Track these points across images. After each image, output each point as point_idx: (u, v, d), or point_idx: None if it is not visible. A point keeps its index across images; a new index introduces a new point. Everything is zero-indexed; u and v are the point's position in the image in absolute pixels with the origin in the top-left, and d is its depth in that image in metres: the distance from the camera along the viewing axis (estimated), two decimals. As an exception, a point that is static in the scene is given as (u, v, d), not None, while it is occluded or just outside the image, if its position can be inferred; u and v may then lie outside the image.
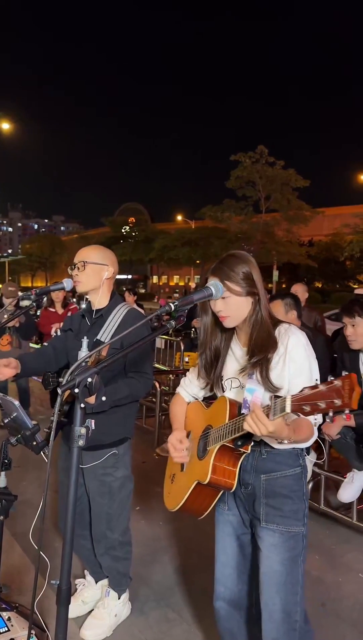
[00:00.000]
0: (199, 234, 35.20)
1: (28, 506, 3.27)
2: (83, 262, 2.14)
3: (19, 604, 2.30)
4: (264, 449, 1.61)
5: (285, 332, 1.60)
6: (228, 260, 1.60)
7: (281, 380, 1.54)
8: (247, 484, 1.63)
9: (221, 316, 1.61)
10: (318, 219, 31.08)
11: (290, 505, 1.60)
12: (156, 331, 1.35)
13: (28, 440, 1.67)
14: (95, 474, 2.18)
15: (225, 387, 1.68)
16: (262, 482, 1.61)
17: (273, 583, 1.58)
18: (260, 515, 1.62)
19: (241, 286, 1.58)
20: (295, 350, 1.57)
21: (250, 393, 1.52)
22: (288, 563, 1.58)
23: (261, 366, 1.55)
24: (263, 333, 1.59)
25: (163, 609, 2.48)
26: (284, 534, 1.59)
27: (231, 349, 1.70)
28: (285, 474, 1.61)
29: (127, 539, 2.33)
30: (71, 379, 1.10)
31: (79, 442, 1.12)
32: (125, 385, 2.06)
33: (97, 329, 2.17)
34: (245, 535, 1.73)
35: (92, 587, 2.46)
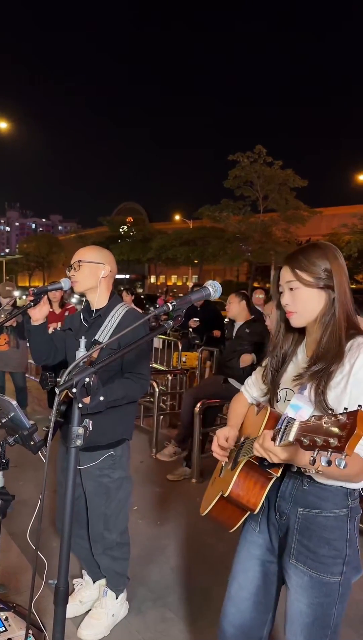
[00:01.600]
0: (197, 233, 35.19)
1: (25, 506, 3.26)
2: (79, 261, 2.15)
3: (17, 604, 2.30)
4: (306, 480, 1.39)
5: (358, 347, 1.32)
6: (306, 249, 1.41)
7: (337, 404, 1.28)
8: (283, 512, 1.44)
9: (287, 311, 1.41)
10: (316, 218, 31.08)
11: (327, 550, 1.37)
12: (154, 331, 1.34)
13: (26, 440, 1.67)
14: (92, 475, 2.18)
15: (280, 397, 1.48)
16: (299, 515, 1.40)
17: (297, 622, 1.40)
18: (290, 550, 1.42)
19: (313, 276, 1.36)
20: (362, 369, 1.29)
21: (293, 410, 1.32)
22: (317, 608, 1.38)
23: (319, 380, 1.31)
24: (333, 339, 1.35)
25: (160, 608, 2.49)
26: (313, 579, 1.37)
27: (296, 356, 1.48)
28: (326, 514, 1.37)
29: (125, 539, 2.33)
30: (68, 378, 1.10)
31: (76, 442, 1.12)
32: (121, 386, 2.05)
33: (96, 329, 2.16)
34: (272, 565, 1.52)
35: (89, 587, 2.46)
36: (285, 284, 1.41)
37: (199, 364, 6.14)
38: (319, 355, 1.35)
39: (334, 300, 1.37)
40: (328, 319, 1.37)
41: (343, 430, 0.93)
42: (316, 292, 1.37)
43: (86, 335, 2.17)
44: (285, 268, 1.41)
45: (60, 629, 1.23)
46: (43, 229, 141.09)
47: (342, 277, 1.38)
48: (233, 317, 4.59)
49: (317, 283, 1.37)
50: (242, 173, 28.74)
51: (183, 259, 36.88)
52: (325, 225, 35.23)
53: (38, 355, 2.26)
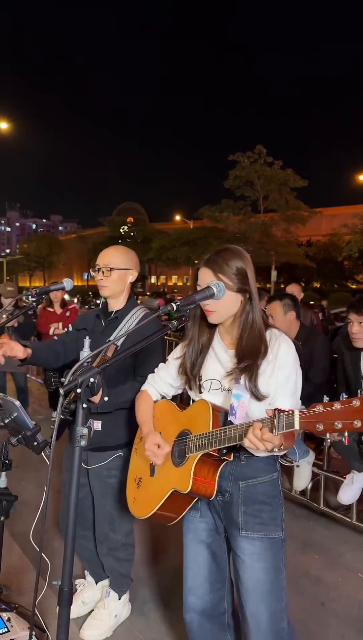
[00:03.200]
0: (197, 234, 35.18)
1: (26, 506, 3.25)
2: (110, 268, 2.09)
3: (19, 605, 2.29)
4: (243, 455, 1.55)
5: (276, 338, 1.54)
6: (222, 253, 1.53)
7: (267, 388, 1.49)
8: (225, 491, 1.57)
9: (206, 310, 1.53)
10: (316, 219, 31.08)
11: (269, 512, 1.56)
12: (159, 331, 1.34)
13: (29, 440, 1.67)
14: (99, 475, 2.18)
15: (204, 387, 1.60)
16: (241, 489, 1.56)
17: (258, 592, 1.53)
18: (239, 524, 1.56)
19: (232, 281, 1.50)
20: (286, 358, 1.51)
21: (236, 399, 1.47)
22: (272, 571, 1.54)
23: (250, 372, 1.49)
24: (253, 337, 1.52)
25: (162, 609, 2.48)
26: (264, 541, 1.55)
27: (213, 348, 1.62)
28: (263, 481, 1.57)
29: (130, 541, 2.33)
30: (73, 379, 1.10)
31: (81, 442, 1.12)
32: (131, 389, 2.03)
33: (111, 331, 2.15)
34: (217, 543, 1.66)
35: (92, 588, 2.46)
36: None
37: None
38: (245, 351, 1.51)
39: (250, 301, 1.52)
40: (246, 318, 1.53)
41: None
42: (234, 294, 1.51)
43: (101, 336, 2.16)
44: (205, 270, 1.52)
45: (64, 629, 1.23)
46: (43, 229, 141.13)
47: (254, 281, 1.55)
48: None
49: (235, 286, 1.50)
50: (242, 173, 28.74)
51: (183, 259, 36.86)
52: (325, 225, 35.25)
53: (45, 364, 2.24)
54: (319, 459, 3.67)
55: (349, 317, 3.11)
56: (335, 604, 2.55)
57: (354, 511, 3.26)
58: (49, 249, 54.01)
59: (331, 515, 3.40)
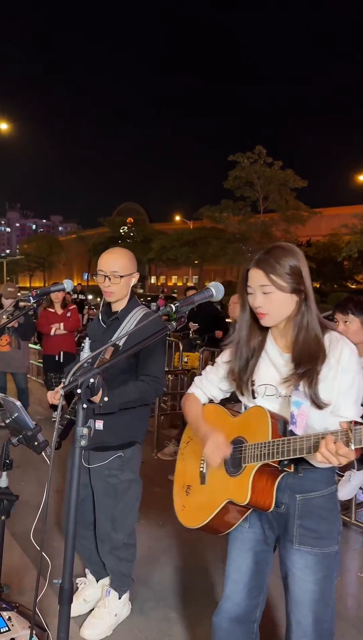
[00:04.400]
0: (197, 234, 35.22)
1: (26, 506, 3.26)
2: (120, 276, 2.12)
3: (19, 604, 2.30)
4: (301, 467, 1.46)
5: (337, 341, 1.43)
6: (274, 251, 1.44)
7: (329, 395, 1.40)
8: (280, 503, 1.49)
9: (259, 313, 1.45)
10: (316, 219, 31.12)
11: (326, 525, 1.49)
12: (158, 332, 1.35)
13: (30, 440, 1.68)
14: (101, 475, 2.19)
15: (257, 393, 1.51)
16: (298, 502, 1.48)
17: (306, 601, 1.47)
18: (293, 537, 1.49)
19: (286, 281, 1.41)
20: (349, 362, 1.41)
21: (296, 407, 1.38)
22: (323, 581, 1.48)
23: (310, 378, 1.40)
24: (310, 340, 1.43)
25: (162, 608, 2.49)
26: (318, 555, 1.47)
27: (266, 351, 1.53)
28: (321, 494, 1.48)
29: (132, 541, 2.34)
30: (73, 379, 1.11)
31: (81, 442, 1.13)
32: (134, 389, 2.04)
33: (113, 331, 2.17)
34: (264, 553, 1.59)
35: (93, 586, 2.47)
36: (258, 287, 1.44)
37: (200, 364, 6.15)
38: (302, 356, 1.42)
39: (306, 301, 1.44)
40: (301, 320, 1.44)
41: None
42: (288, 295, 1.43)
43: (104, 337, 2.17)
44: (257, 271, 1.44)
45: (65, 628, 1.24)
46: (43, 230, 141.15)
47: (309, 280, 1.46)
48: (235, 318, 4.57)
49: (289, 286, 1.42)
50: (242, 174, 28.77)
51: (183, 260, 36.90)
52: (325, 225, 35.25)
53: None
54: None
55: (335, 316, 3.14)
56: (335, 603, 2.56)
57: (353, 510, 3.28)
58: (49, 249, 54.07)
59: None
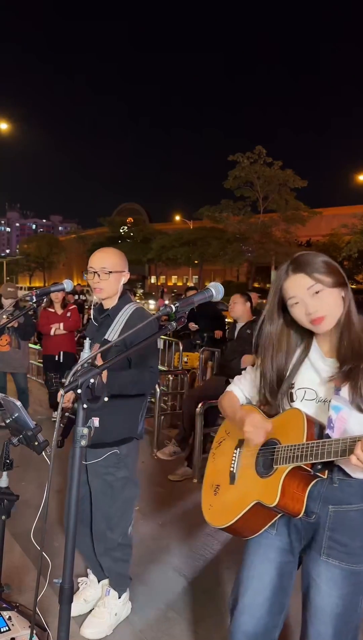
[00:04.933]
0: (197, 234, 35.20)
1: (27, 506, 3.27)
2: (108, 271, 2.13)
3: (19, 603, 2.30)
4: (336, 477, 1.38)
5: None
6: (302, 256, 1.40)
7: None
8: (311, 512, 1.42)
9: (316, 318, 1.35)
10: (316, 219, 31.10)
11: (358, 541, 1.40)
12: (158, 332, 1.35)
13: (30, 440, 1.68)
14: (97, 472, 2.20)
15: (296, 396, 1.45)
16: (330, 513, 1.41)
17: (328, 612, 1.40)
18: (321, 548, 1.42)
19: (331, 276, 1.35)
20: None
21: (335, 411, 1.31)
22: (348, 597, 1.40)
23: (354, 378, 1.32)
24: (354, 337, 1.35)
25: (162, 608, 2.49)
26: (345, 570, 1.39)
27: (310, 358, 1.45)
28: (356, 508, 1.40)
29: (127, 541, 2.34)
30: (73, 379, 1.11)
31: (81, 442, 1.13)
32: (129, 374, 2.05)
33: (105, 329, 2.19)
34: (289, 564, 1.50)
35: (94, 586, 2.47)
36: (305, 292, 1.36)
37: (200, 364, 6.15)
38: (347, 354, 1.35)
39: (345, 298, 1.38)
40: (345, 319, 1.37)
41: None
42: (337, 291, 1.37)
43: (96, 334, 2.19)
44: (297, 276, 1.37)
45: (65, 627, 1.25)
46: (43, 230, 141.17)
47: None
48: (236, 318, 4.59)
49: (334, 281, 1.36)
50: (242, 174, 28.77)
51: (183, 260, 36.88)
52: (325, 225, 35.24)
53: None
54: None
55: None
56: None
57: None
58: (49, 249, 54.03)
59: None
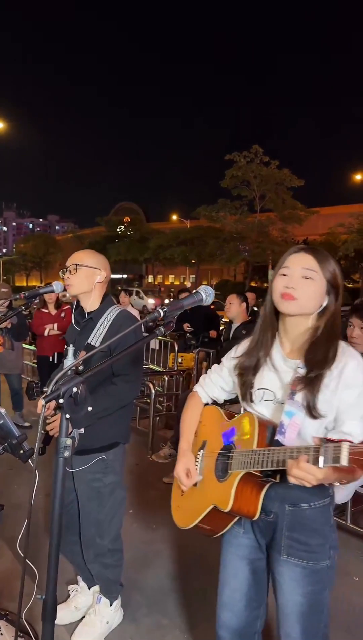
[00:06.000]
0: (194, 233, 35.20)
1: (19, 510, 3.24)
2: (75, 264, 2.12)
3: (9, 612, 2.27)
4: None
5: (343, 352, 1.36)
6: (321, 250, 1.42)
7: (327, 407, 1.33)
8: (269, 512, 1.45)
9: (288, 294, 1.35)
10: (312, 218, 31.12)
11: (317, 539, 1.42)
12: (145, 338, 1.31)
13: (15, 449, 1.64)
14: (84, 479, 2.15)
15: (255, 397, 1.46)
16: (287, 512, 1.43)
17: (293, 612, 1.44)
18: (280, 547, 1.45)
19: (329, 272, 1.37)
20: (354, 376, 1.33)
21: (288, 417, 1.32)
22: (311, 595, 1.43)
23: (312, 385, 1.33)
24: (332, 347, 1.36)
25: (155, 615, 2.46)
26: (306, 569, 1.42)
27: (271, 356, 1.46)
28: (313, 506, 1.42)
29: (117, 546, 2.30)
30: (55, 388, 1.07)
31: (64, 454, 1.09)
32: (108, 396, 2.02)
33: (88, 332, 2.14)
34: (260, 561, 1.55)
35: (85, 593, 2.43)
36: (302, 269, 1.37)
37: (195, 364, 6.12)
38: (317, 362, 1.35)
39: (335, 304, 1.39)
40: (327, 324, 1.38)
41: None
42: (324, 291, 1.38)
43: (79, 338, 2.15)
44: (306, 255, 1.38)
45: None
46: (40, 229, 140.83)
47: (342, 285, 1.42)
48: (231, 318, 4.56)
49: (330, 285, 1.38)
50: (239, 173, 28.75)
51: (180, 259, 36.88)
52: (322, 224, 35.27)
53: None
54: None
55: (351, 320, 3.08)
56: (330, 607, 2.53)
57: (348, 514, 3.24)
58: (46, 248, 53.94)
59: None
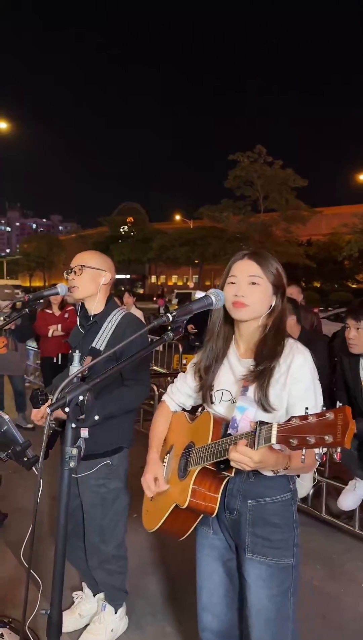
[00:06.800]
0: (197, 233, 35.10)
1: (23, 514, 3.20)
2: (81, 266, 2.07)
3: (12, 619, 2.23)
4: (251, 473, 1.43)
5: (290, 349, 1.44)
6: (261, 251, 1.49)
7: (278, 401, 1.39)
8: (232, 509, 1.48)
9: (238, 302, 1.42)
10: (316, 218, 31.05)
11: (279, 534, 1.45)
12: (154, 343, 1.28)
13: (19, 456, 1.61)
14: (88, 485, 2.12)
15: (215, 398, 1.51)
16: (249, 508, 1.45)
17: (262, 618, 1.45)
18: (245, 544, 1.47)
19: (274, 277, 1.44)
20: (302, 371, 1.40)
21: (240, 412, 1.36)
22: (278, 599, 1.44)
23: (262, 379, 1.39)
24: (279, 342, 1.43)
25: (160, 622, 2.42)
26: (272, 567, 1.44)
27: (228, 357, 1.52)
28: (274, 500, 1.45)
29: (121, 552, 2.26)
30: (61, 396, 1.03)
31: (70, 464, 1.05)
32: (117, 399, 1.99)
33: (93, 336, 2.10)
34: (232, 562, 1.57)
35: (89, 600, 2.39)
36: (246, 277, 1.43)
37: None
38: (265, 356, 1.41)
39: (282, 301, 1.47)
40: (275, 321, 1.46)
41: (336, 427, 0.99)
42: (271, 292, 1.45)
43: (83, 342, 2.11)
44: (249, 262, 1.45)
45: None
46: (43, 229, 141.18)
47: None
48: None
49: (275, 286, 1.45)
50: (242, 173, 28.71)
51: (183, 259, 36.79)
52: (326, 224, 35.19)
53: None
54: (321, 465, 3.61)
55: (347, 321, 3.06)
56: (337, 616, 2.49)
57: (357, 519, 3.20)
58: (49, 248, 53.98)
59: (333, 524, 3.33)
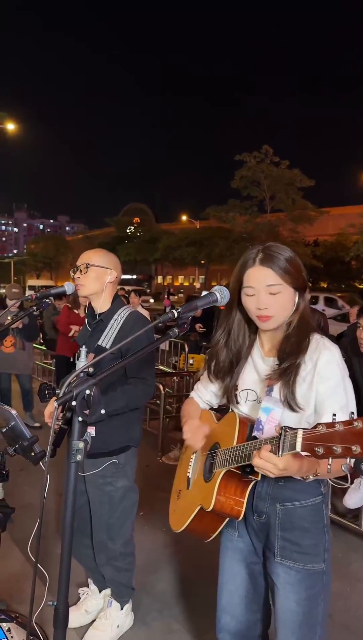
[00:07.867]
0: (203, 234, 35.09)
1: (30, 511, 3.22)
2: (86, 264, 2.10)
3: (19, 614, 2.25)
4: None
5: (317, 345, 1.36)
6: (271, 247, 1.36)
7: (305, 400, 1.32)
8: (261, 512, 1.43)
9: (263, 315, 1.35)
10: (323, 218, 30.89)
11: (309, 539, 1.40)
12: (159, 340, 1.29)
13: (26, 450, 1.62)
14: (95, 483, 2.14)
15: (240, 398, 1.47)
16: (278, 512, 1.41)
17: (288, 622, 1.41)
18: (274, 548, 1.43)
19: (294, 278, 1.34)
20: (328, 368, 1.32)
21: (265, 413, 1.32)
22: (306, 603, 1.40)
23: (288, 377, 1.32)
24: (303, 338, 1.36)
25: (166, 619, 2.43)
26: (301, 572, 1.40)
27: (252, 356, 1.47)
28: (304, 505, 1.40)
29: (129, 550, 2.28)
30: (68, 390, 1.05)
31: (76, 457, 1.06)
32: (122, 395, 2.01)
33: (99, 334, 2.12)
34: (256, 565, 1.53)
35: (95, 596, 2.41)
36: (265, 287, 1.34)
37: (205, 366, 6.08)
38: (289, 352, 1.35)
39: (303, 296, 1.38)
40: (298, 318, 1.38)
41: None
42: (293, 292, 1.36)
43: (90, 340, 2.13)
44: (264, 269, 1.34)
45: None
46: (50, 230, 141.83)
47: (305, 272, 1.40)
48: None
49: (296, 284, 1.35)
50: (249, 173, 28.65)
51: (189, 260, 36.80)
52: (332, 225, 35.02)
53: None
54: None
55: (359, 321, 3.05)
56: (344, 615, 2.49)
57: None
58: (56, 249, 54.21)
59: (339, 523, 3.33)
